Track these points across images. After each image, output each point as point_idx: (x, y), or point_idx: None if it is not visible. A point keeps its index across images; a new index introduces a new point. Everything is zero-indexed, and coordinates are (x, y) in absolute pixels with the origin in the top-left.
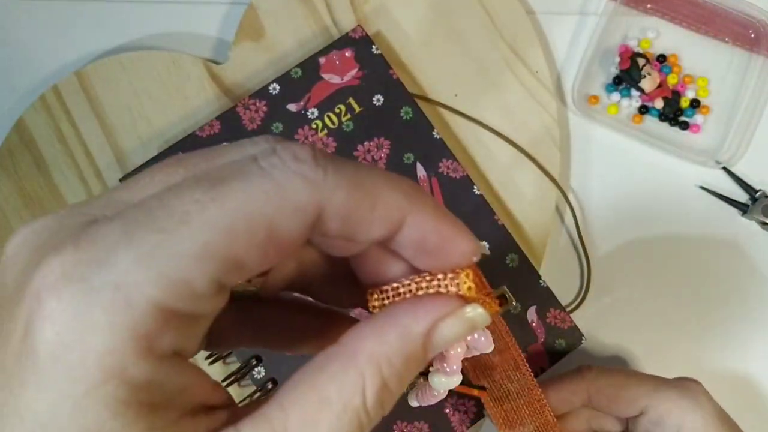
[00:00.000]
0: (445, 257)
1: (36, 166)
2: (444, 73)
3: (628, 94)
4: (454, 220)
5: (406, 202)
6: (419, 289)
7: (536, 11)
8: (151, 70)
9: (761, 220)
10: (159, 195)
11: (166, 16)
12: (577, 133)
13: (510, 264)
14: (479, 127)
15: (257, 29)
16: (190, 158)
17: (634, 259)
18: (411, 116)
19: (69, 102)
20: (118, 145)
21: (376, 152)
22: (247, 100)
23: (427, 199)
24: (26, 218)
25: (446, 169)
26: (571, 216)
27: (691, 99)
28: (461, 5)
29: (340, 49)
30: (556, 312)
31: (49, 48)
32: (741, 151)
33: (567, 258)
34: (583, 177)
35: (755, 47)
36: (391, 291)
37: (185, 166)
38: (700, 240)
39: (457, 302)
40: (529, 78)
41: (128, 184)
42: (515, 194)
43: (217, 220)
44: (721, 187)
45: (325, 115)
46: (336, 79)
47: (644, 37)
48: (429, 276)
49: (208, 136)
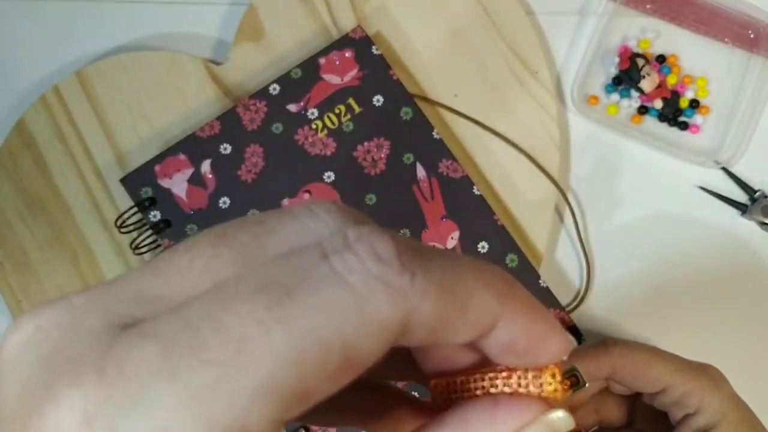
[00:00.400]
0: (532, 358)
1: (36, 166)
2: (444, 74)
3: (628, 95)
4: (547, 318)
5: (498, 305)
6: (493, 386)
7: (536, 11)
8: (152, 70)
9: (761, 220)
10: (206, 302)
11: (166, 16)
12: (576, 134)
13: (509, 264)
14: (479, 128)
15: (257, 30)
16: (236, 234)
17: (633, 260)
18: (411, 116)
19: (69, 102)
20: (118, 145)
21: (376, 153)
22: (247, 100)
23: (520, 296)
24: (27, 218)
25: (446, 169)
26: (571, 216)
27: (690, 99)
28: (461, 5)
29: (340, 49)
30: (556, 312)
31: (49, 48)
32: (740, 151)
33: (566, 258)
34: (582, 177)
35: (755, 48)
36: (460, 385)
37: (231, 245)
38: (700, 240)
39: (540, 406)
40: (528, 78)
41: (160, 268)
42: (515, 194)
43: (284, 348)
44: (721, 187)
45: (325, 115)
46: (336, 79)
47: (644, 37)
48: (506, 372)
49: (208, 137)
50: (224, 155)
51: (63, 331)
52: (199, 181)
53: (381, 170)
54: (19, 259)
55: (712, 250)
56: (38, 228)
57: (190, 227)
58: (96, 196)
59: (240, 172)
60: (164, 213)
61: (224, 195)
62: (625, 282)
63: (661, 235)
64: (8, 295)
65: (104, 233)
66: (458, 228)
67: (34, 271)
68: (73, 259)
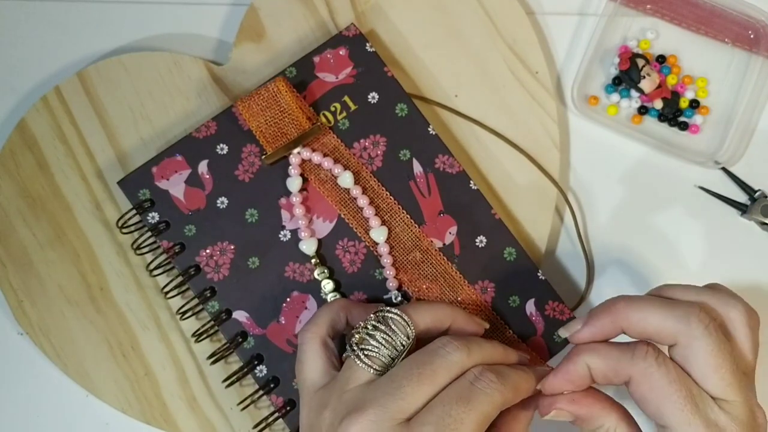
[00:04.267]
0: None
1: (38, 167)
2: (444, 74)
3: (628, 95)
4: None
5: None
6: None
7: (536, 11)
8: (153, 71)
9: (760, 220)
10: (442, 403)
11: (167, 17)
12: (576, 134)
13: (507, 258)
14: (479, 128)
15: (258, 30)
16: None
17: (633, 260)
18: (406, 113)
19: (71, 103)
20: (119, 146)
21: (373, 149)
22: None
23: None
24: (29, 218)
25: (442, 164)
26: (571, 216)
27: (690, 99)
28: (461, 5)
29: (334, 47)
30: (555, 304)
31: (51, 49)
32: (740, 151)
33: (567, 258)
34: (582, 177)
35: (755, 48)
36: None
37: (434, 381)
38: (700, 240)
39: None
40: (528, 78)
41: (402, 393)
42: (515, 195)
43: (475, 426)
44: (721, 187)
45: (321, 113)
46: (331, 77)
47: (644, 37)
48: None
49: (204, 137)
50: (221, 155)
51: (379, 430)
52: (197, 182)
53: (378, 167)
54: (21, 260)
55: (712, 250)
56: (40, 228)
57: (189, 228)
58: (97, 196)
59: (237, 172)
60: (162, 214)
61: (222, 195)
62: (625, 281)
63: (661, 234)
64: (10, 295)
65: (106, 233)
66: (456, 223)
67: (36, 271)
68: (74, 259)
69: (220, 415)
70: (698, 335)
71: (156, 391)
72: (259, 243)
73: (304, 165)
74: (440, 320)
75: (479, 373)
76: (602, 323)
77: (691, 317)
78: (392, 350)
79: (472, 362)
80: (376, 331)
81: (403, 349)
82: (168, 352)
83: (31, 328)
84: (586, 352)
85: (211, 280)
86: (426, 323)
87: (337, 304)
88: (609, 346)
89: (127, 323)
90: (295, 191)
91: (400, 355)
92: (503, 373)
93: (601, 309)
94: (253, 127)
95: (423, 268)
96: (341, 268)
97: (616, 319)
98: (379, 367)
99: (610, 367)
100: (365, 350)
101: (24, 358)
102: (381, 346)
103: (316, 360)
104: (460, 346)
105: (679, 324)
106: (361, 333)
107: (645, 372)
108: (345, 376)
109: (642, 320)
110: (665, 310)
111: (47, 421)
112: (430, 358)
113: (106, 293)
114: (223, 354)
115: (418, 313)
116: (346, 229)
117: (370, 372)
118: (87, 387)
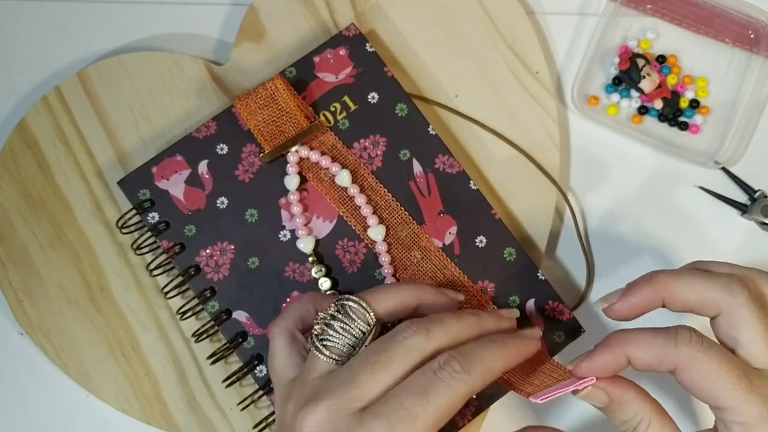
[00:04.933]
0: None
1: (38, 167)
2: (444, 74)
3: (628, 95)
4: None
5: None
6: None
7: (536, 11)
8: (153, 71)
9: (760, 220)
10: (397, 396)
11: (167, 17)
12: (576, 134)
13: (507, 258)
14: (479, 128)
15: (258, 30)
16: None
17: (633, 260)
18: (406, 113)
19: (71, 103)
20: (119, 146)
21: (372, 150)
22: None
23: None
24: (29, 218)
25: (442, 164)
26: (571, 216)
27: (690, 99)
28: (461, 5)
29: (334, 47)
30: (555, 304)
31: (51, 49)
32: (740, 151)
33: (567, 257)
34: (582, 177)
35: (755, 48)
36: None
37: (392, 372)
38: (700, 240)
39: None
40: (529, 78)
41: (354, 377)
42: (515, 195)
43: (432, 418)
44: (720, 187)
45: (321, 113)
46: (331, 77)
47: (644, 37)
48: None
49: (204, 137)
50: (221, 155)
51: (332, 419)
52: (197, 182)
53: (377, 167)
54: (21, 260)
55: (712, 250)
56: (40, 228)
57: (189, 228)
58: (98, 196)
59: (237, 172)
60: (162, 214)
61: (222, 195)
62: (625, 281)
63: (661, 234)
64: (10, 295)
65: (106, 233)
66: (456, 223)
67: (36, 271)
68: (74, 259)
69: (220, 415)
70: (743, 302)
71: (156, 391)
72: (259, 243)
73: (302, 163)
74: (405, 301)
75: (443, 361)
76: (643, 294)
77: (734, 285)
78: (351, 338)
79: (435, 345)
80: (335, 321)
81: (364, 336)
82: (168, 352)
83: (31, 328)
84: (626, 344)
85: (211, 280)
86: (388, 307)
87: (307, 297)
88: (650, 336)
89: (128, 323)
90: (293, 189)
91: (361, 343)
92: (471, 358)
93: (642, 281)
94: (251, 125)
95: (423, 266)
96: (340, 267)
97: (657, 289)
98: (338, 356)
99: (653, 357)
100: (324, 341)
101: (24, 358)
102: (339, 335)
103: (284, 354)
104: (418, 330)
105: (722, 293)
106: (320, 324)
107: (692, 358)
108: (308, 368)
109: (684, 290)
110: (707, 279)
111: (47, 421)
112: (386, 345)
113: (107, 293)
114: (223, 354)
115: (378, 298)
116: (347, 229)
117: (330, 362)
118: (87, 387)
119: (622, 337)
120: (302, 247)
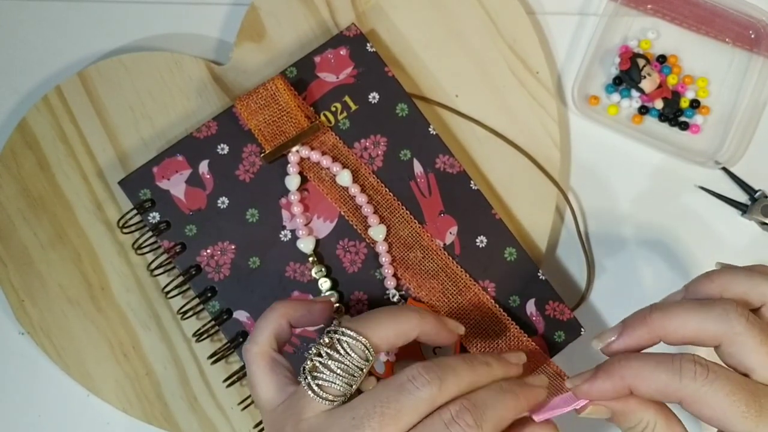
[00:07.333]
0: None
1: (39, 167)
2: (444, 74)
3: (628, 95)
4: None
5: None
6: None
7: (536, 11)
8: (153, 70)
9: (761, 220)
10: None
11: (168, 17)
12: (577, 134)
13: (508, 258)
14: (479, 128)
15: (259, 30)
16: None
17: (633, 260)
18: (407, 113)
19: (72, 102)
20: (120, 146)
21: (373, 150)
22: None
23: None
24: (30, 218)
25: (443, 164)
26: (571, 216)
27: (690, 99)
28: (461, 5)
29: (335, 47)
30: (555, 304)
31: (51, 49)
32: (740, 151)
33: (568, 257)
34: (583, 177)
35: (755, 48)
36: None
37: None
38: (700, 240)
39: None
40: (529, 78)
41: (358, 427)
42: (515, 195)
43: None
44: (721, 187)
45: (322, 113)
46: (331, 77)
47: (644, 37)
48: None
49: (205, 137)
50: (221, 155)
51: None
52: (198, 182)
53: (378, 167)
54: (22, 259)
55: (712, 250)
56: (41, 228)
57: (189, 228)
58: (98, 196)
59: (238, 172)
60: (163, 214)
61: (222, 195)
62: (625, 281)
63: (661, 234)
64: (11, 295)
65: (106, 233)
66: (456, 223)
67: (37, 271)
68: (75, 259)
69: (220, 414)
70: (741, 330)
71: (157, 390)
72: (260, 243)
73: (302, 163)
74: (405, 332)
75: (456, 413)
76: (638, 335)
77: (730, 314)
78: (348, 378)
79: (446, 397)
80: (330, 360)
81: (362, 373)
82: (169, 351)
83: (32, 328)
84: (629, 375)
85: (212, 280)
86: (388, 339)
87: (276, 313)
88: (653, 369)
89: (128, 323)
90: (294, 189)
91: (359, 379)
92: (484, 410)
93: (636, 320)
94: (252, 125)
95: (424, 265)
96: (341, 267)
97: (652, 329)
98: (334, 397)
99: (657, 391)
100: (317, 378)
101: (25, 357)
102: (335, 375)
103: (267, 380)
104: (431, 379)
105: (719, 324)
106: (313, 360)
107: (698, 392)
108: (300, 404)
109: (680, 328)
110: (702, 313)
111: (48, 420)
112: (395, 395)
113: (107, 293)
114: (224, 354)
115: (377, 329)
116: (347, 229)
117: (325, 404)
118: (88, 386)
119: (625, 367)
120: (302, 247)
